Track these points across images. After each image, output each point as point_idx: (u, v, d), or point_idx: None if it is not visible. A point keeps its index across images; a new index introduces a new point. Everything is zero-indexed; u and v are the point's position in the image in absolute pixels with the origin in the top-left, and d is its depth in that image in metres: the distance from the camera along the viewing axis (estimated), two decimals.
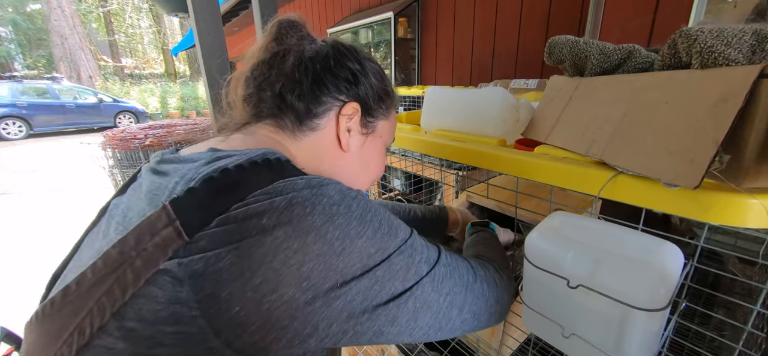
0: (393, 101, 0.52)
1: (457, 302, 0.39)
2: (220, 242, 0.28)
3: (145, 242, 0.28)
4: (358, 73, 0.46)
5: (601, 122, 0.41)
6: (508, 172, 0.50)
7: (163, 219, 0.29)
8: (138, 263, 0.28)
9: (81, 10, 13.88)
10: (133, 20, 17.32)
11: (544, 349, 0.71)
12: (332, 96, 0.44)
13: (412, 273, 0.35)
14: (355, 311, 0.31)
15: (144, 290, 0.27)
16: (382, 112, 0.50)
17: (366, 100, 0.46)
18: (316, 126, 0.44)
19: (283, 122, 0.44)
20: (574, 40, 0.48)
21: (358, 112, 0.45)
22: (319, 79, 0.43)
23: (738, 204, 0.29)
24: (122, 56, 17.26)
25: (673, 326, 0.45)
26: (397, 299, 0.34)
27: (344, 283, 0.30)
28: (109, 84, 12.52)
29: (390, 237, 0.34)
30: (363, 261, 0.31)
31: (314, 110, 0.43)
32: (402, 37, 2.48)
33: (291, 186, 0.31)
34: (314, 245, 0.29)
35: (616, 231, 0.40)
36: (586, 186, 0.40)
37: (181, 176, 0.33)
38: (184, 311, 0.27)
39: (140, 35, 17.89)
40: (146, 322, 0.27)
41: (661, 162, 0.33)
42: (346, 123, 0.45)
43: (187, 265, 0.27)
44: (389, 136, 0.53)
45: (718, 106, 0.29)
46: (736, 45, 0.30)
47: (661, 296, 0.34)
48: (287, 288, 0.28)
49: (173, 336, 0.27)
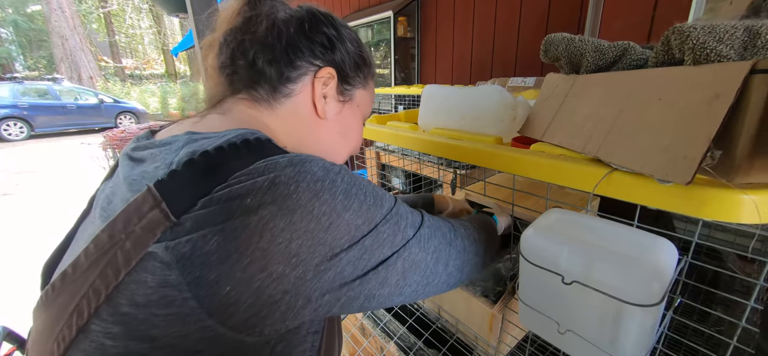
0: (371, 70, 0.51)
1: (442, 258, 0.42)
2: (205, 224, 0.28)
3: (133, 224, 0.28)
4: (334, 39, 0.45)
5: (597, 119, 0.42)
6: (504, 169, 0.50)
7: (148, 201, 0.29)
8: (127, 245, 0.28)
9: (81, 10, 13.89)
10: (134, 21, 17.33)
11: (542, 346, 0.72)
12: (307, 60, 0.43)
13: (399, 238, 0.36)
14: (347, 279, 0.32)
15: (134, 274, 0.28)
16: (360, 80, 0.49)
17: (342, 67, 0.46)
18: (291, 91, 0.43)
19: (258, 93, 0.43)
20: (569, 38, 0.49)
21: (334, 77, 0.45)
22: (294, 43, 0.42)
23: (729, 200, 0.29)
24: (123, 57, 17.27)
25: (668, 321, 0.45)
26: (386, 262, 0.35)
27: (334, 256, 0.31)
28: (110, 84, 12.54)
29: (376, 208, 0.35)
30: (351, 233, 0.32)
31: (288, 74, 0.42)
32: (401, 36, 2.47)
33: (273, 165, 0.31)
34: (301, 222, 0.29)
35: (611, 227, 0.41)
36: (581, 183, 0.41)
37: (162, 160, 0.33)
38: (174, 294, 0.27)
39: (140, 36, 17.91)
40: (139, 306, 0.27)
41: (655, 158, 0.33)
42: (321, 88, 0.44)
43: (173, 248, 0.27)
44: (367, 105, 0.52)
45: (710, 102, 0.30)
46: (728, 41, 0.30)
47: (655, 291, 0.34)
48: (276, 266, 0.28)
49: (166, 318, 0.27)
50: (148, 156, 0.35)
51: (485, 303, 0.70)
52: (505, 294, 0.70)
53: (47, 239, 2.94)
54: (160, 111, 11.40)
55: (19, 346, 0.58)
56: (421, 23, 2.43)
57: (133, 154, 0.37)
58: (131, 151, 0.38)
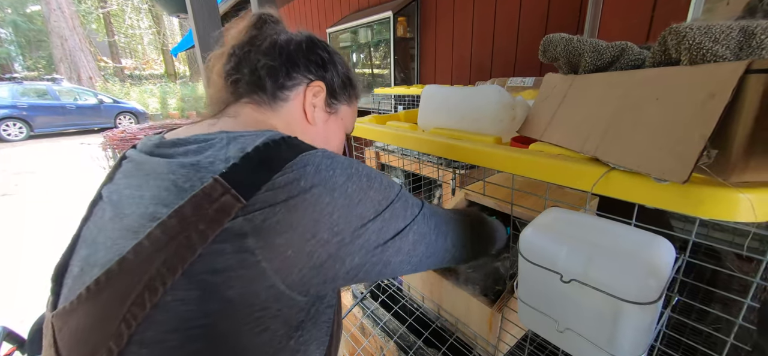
0: (356, 92, 0.60)
1: (442, 232, 0.50)
2: (272, 201, 0.34)
3: (205, 208, 0.33)
4: (326, 61, 0.54)
5: (595, 119, 0.42)
6: (503, 169, 0.51)
7: (217, 189, 0.34)
8: (201, 226, 0.33)
9: (81, 11, 13.88)
10: (133, 21, 17.33)
11: (541, 345, 0.72)
12: (302, 74, 0.51)
13: (408, 212, 0.45)
14: (371, 246, 0.40)
15: (212, 246, 0.32)
16: (345, 98, 0.58)
17: (331, 84, 0.54)
18: (287, 97, 0.51)
19: (260, 97, 0.50)
20: (567, 38, 0.49)
21: (323, 90, 0.53)
22: (292, 59, 0.51)
23: (725, 199, 0.30)
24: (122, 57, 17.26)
25: (666, 320, 0.45)
26: (401, 233, 0.43)
27: (363, 225, 0.39)
28: (109, 85, 12.53)
29: (390, 189, 0.43)
30: (375, 207, 0.40)
31: (284, 82, 0.50)
32: (401, 36, 2.48)
33: (314, 157, 0.38)
34: (340, 199, 0.37)
35: (609, 226, 0.41)
36: (580, 182, 0.41)
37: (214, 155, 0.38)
38: (248, 257, 0.33)
39: (140, 36, 17.90)
40: (218, 272, 0.32)
41: (652, 157, 0.34)
42: (311, 98, 0.52)
43: (249, 220, 0.33)
44: (350, 121, 0.61)
45: (705, 102, 0.30)
46: (724, 41, 0.31)
47: (652, 289, 0.34)
48: (323, 233, 0.36)
49: (240, 279, 0.33)
50: (183, 152, 0.40)
51: (484, 302, 0.70)
52: (504, 293, 0.71)
53: (47, 239, 2.94)
54: (160, 111, 11.39)
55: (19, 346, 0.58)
56: (420, 23, 2.44)
57: (159, 151, 0.42)
58: (155, 147, 0.43)
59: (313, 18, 3.74)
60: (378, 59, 2.93)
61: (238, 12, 4.45)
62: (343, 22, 3.01)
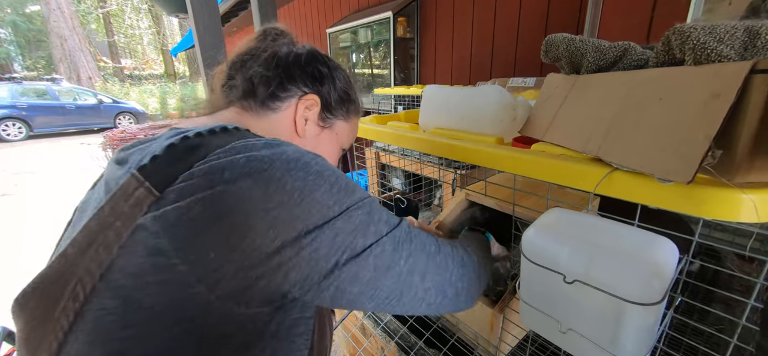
0: (355, 108, 0.58)
1: (418, 268, 0.40)
2: (188, 193, 0.30)
3: (121, 206, 0.31)
4: (324, 75, 0.52)
5: (597, 119, 0.42)
6: (505, 169, 0.50)
7: (133, 183, 0.31)
8: (118, 224, 0.30)
9: (80, 11, 13.87)
10: (133, 21, 17.32)
11: (543, 346, 0.72)
12: (297, 85, 0.50)
13: (372, 230, 0.36)
14: (320, 262, 0.33)
15: (127, 248, 0.29)
16: (342, 114, 0.55)
17: (327, 98, 0.52)
18: (278, 107, 0.49)
19: (248, 103, 0.48)
20: (570, 38, 0.49)
21: (317, 104, 0.51)
22: (288, 70, 0.49)
23: (729, 199, 0.30)
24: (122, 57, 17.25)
25: (669, 321, 0.45)
26: (359, 256, 0.35)
27: (308, 232, 0.32)
28: (109, 85, 12.52)
29: (347, 194, 0.36)
30: (322, 211, 0.33)
31: (278, 93, 0.49)
32: (401, 36, 2.48)
33: (251, 145, 0.34)
34: (275, 195, 0.31)
35: (612, 226, 0.41)
36: (582, 182, 0.41)
37: (147, 153, 0.35)
38: (163, 261, 0.29)
39: (139, 36, 17.89)
40: (132, 276, 0.29)
41: (656, 157, 0.33)
42: (303, 110, 0.50)
43: (161, 217, 0.30)
44: (347, 137, 0.58)
45: (710, 102, 0.30)
46: (728, 41, 0.31)
47: (655, 290, 0.34)
48: (255, 236, 0.30)
49: (158, 285, 0.29)
50: (131, 154, 0.37)
51: (486, 303, 0.70)
52: (505, 293, 0.70)
53: (46, 239, 2.93)
54: (160, 111, 11.38)
55: None
56: (420, 24, 2.44)
57: (118, 158, 0.39)
58: (115, 157, 0.40)
59: (313, 18, 3.74)
60: (378, 59, 2.93)
61: (238, 12, 4.45)
62: (343, 23, 3.01)
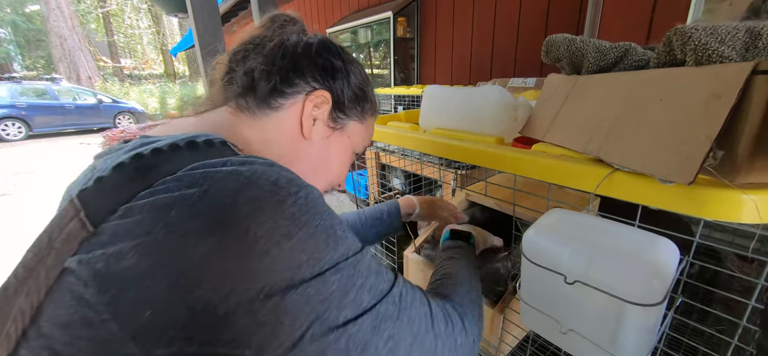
0: (372, 107, 0.50)
1: (400, 352, 0.32)
2: (123, 235, 0.25)
3: (55, 238, 0.26)
4: (338, 69, 0.45)
5: (598, 120, 0.42)
6: (505, 169, 0.50)
7: (70, 212, 0.26)
8: (49, 261, 0.26)
9: (80, 10, 13.86)
10: (132, 21, 17.31)
11: (543, 346, 0.72)
12: (304, 80, 0.43)
13: (350, 299, 0.29)
14: (281, 334, 0.26)
15: (55, 293, 0.25)
16: (357, 114, 0.48)
17: (340, 96, 0.45)
18: (280, 105, 0.42)
19: (245, 101, 0.42)
20: (571, 39, 0.49)
21: (328, 102, 0.44)
22: (295, 62, 0.42)
23: (731, 200, 0.29)
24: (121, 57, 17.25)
25: (670, 321, 0.45)
26: (329, 334, 0.27)
27: (268, 295, 0.25)
28: (109, 84, 12.52)
29: (326, 247, 0.29)
30: (291, 271, 0.26)
31: (281, 89, 0.42)
32: (401, 36, 2.48)
33: (210, 174, 0.27)
34: (233, 244, 0.25)
35: (613, 227, 0.41)
36: (583, 183, 0.41)
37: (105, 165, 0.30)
38: (92, 315, 0.24)
39: (139, 36, 17.89)
40: (61, 327, 0.25)
41: (657, 158, 0.33)
42: (311, 109, 0.43)
43: (88, 263, 0.24)
44: (361, 140, 0.51)
45: (711, 103, 0.30)
46: (730, 42, 0.31)
47: (656, 291, 0.34)
48: (204, 291, 0.24)
49: (90, 342, 0.24)
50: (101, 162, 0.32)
51: (486, 303, 0.70)
52: (505, 294, 0.70)
53: None
54: (159, 111, 11.38)
55: None
56: (420, 24, 2.44)
57: (92, 164, 0.34)
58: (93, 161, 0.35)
59: (313, 18, 3.74)
60: (378, 59, 2.93)
61: (238, 12, 4.45)
62: (343, 23, 3.01)
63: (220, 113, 0.42)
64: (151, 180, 0.27)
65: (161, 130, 0.37)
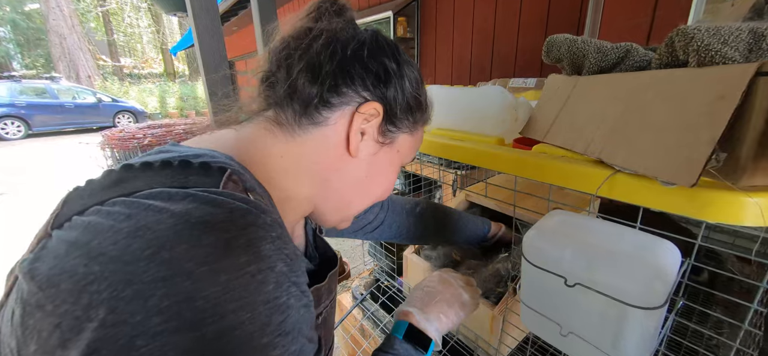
0: (424, 116, 0.45)
1: None
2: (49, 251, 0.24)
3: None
4: (392, 73, 0.39)
5: (599, 121, 0.42)
6: (506, 170, 0.50)
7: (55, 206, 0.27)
8: None
9: (79, 9, 13.84)
10: (132, 20, 17.30)
11: (543, 348, 0.71)
12: (355, 89, 0.37)
13: None
14: None
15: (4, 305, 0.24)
16: (408, 125, 0.42)
17: (392, 106, 0.39)
18: (325, 120, 0.37)
19: (285, 113, 0.37)
20: (572, 39, 0.48)
21: (379, 115, 0.38)
22: (345, 67, 0.36)
23: (734, 203, 0.29)
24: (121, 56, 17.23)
25: (671, 324, 0.45)
26: None
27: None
28: (108, 84, 12.50)
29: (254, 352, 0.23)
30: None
31: (328, 98, 0.36)
32: (401, 36, 2.48)
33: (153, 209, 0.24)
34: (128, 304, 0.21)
35: (614, 229, 0.41)
36: (584, 184, 0.40)
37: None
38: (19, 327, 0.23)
39: (139, 35, 17.87)
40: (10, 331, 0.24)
41: (659, 160, 0.33)
42: (361, 123, 0.38)
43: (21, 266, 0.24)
44: (409, 153, 0.45)
45: (714, 104, 0.29)
46: (733, 43, 0.30)
47: (658, 294, 0.34)
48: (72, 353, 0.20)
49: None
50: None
51: (486, 304, 0.70)
52: (505, 295, 0.70)
53: None
54: (159, 110, 11.37)
55: None
56: (420, 24, 2.43)
57: None
58: None
59: None
60: None
61: (237, 11, 4.45)
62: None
63: (254, 127, 0.38)
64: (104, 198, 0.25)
65: (196, 141, 0.36)
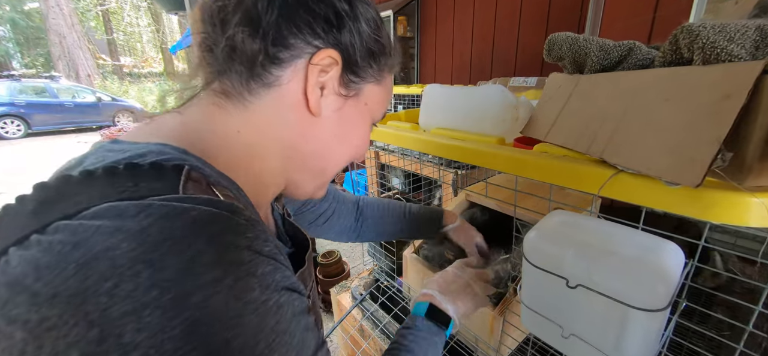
0: (389, 61, 0.40)
1: None
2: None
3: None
4: (344, 14, 0.34)
5: (601, 120, 0.41)
6: (506, 170, 0.50)
7: None
8: None
9: (79, 8, 13.82)
10: (132, 19, 17.28)
11: (543, 349, 0.71)
12: (303, 39, 0.33)
13: None
14: None
15: None
16: (373, 74, 0.38)
17: (350, 52, 0.35)
18: (277, 79, 0.33)
19: (230, 80, 0.33)
20: (573, 37, 0.48)
21: (337, 64, 0.34)
22: (288, 14, 0.32)
23: (739, 203, 0.29)
24: (121, 55, 17.21)
25: (674, 326, 0.44)
26: None
27: None
28: (108, 83, 12.50)
29: None
30: None
31: (275, 54, 0.32)
32: (401, 35, 2.47)
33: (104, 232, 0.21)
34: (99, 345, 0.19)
35: (616, 230, 0.40)
36: (585, 184, 0.40)
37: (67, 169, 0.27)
38: None
39: (139, 34, 17.85)
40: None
41: (662, 160, 0.32)
42: (317, 76, 0.34)
43: None
44: (379, 106, 0.41)
45: (720, 103, 0.29)
46: (739, 40, 0.30)
47: (661, 296, 0.33)
48: None
49: None
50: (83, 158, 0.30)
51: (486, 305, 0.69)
52: (506, 295, 0.70)
53: None
54: (158, 109, 11.35)
55: None
56: (420, 22, 2.43)
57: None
58: None
59: None
60: None
61: None
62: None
63: (201, 105, 0.34)
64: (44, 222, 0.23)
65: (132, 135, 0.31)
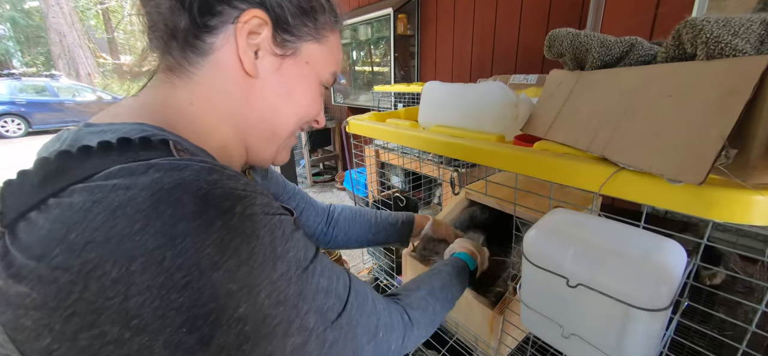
0: (328, 18, 0.40)
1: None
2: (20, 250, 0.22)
3: None
4: None
5: (603, 117, 0.40)
6: (506, 168, 0.49)
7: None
8: None
9: (79, 7, 13.81)
10: (132, 17, 17.25)
11: (543, 348, 0.70)
12: (229, 3, 0.33)
13: (294, 328, 0.27)
14: None
15: None
16: (309, 32, 0.38)
17: (278, 11, 0.35)
18: (210, 47, 0.34)
19: (171, 56, 0.34)
20: (574, 33, 0.47)
21: (267, 24, 0.35)
22: None
23: (744, 201, 0.28)
24: (121, 53, 17.19)
25: (675, 326, 0.44)
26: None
27: (191, 331, 0.22)
28: (108, 81, 12.49)
29: (263, 272, 0.25)
30: (219, 301, 0.23)
31: (206, 22, 0.33)
32: (401, 33, 2.46)
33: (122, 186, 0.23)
34: (143, 274, 0.21)
35: (617, 228, 0.39)
36: (586, 182, 0.39)
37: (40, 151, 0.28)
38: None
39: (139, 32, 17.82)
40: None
41: (665, 157, 0.32)
42: (247, 38, 0.34)
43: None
44: (324, 64, 0.41)
45: (724, 99, 0.28)
46: (744, 35, 0.29)
47: (663, 295, 0.33)
48: (109, 325, 0.21)
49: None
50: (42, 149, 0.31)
51: (486, 304, 0.69)
52: (505, 294, 0.69)
53: None
54: None
55: None
56: (421, 21, 2.42)
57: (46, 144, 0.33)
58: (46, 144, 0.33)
59: None
60: (378, 57, 2.91)
61: None
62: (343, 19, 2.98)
63: (152, 87, 0.35)
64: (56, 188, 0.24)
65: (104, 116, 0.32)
